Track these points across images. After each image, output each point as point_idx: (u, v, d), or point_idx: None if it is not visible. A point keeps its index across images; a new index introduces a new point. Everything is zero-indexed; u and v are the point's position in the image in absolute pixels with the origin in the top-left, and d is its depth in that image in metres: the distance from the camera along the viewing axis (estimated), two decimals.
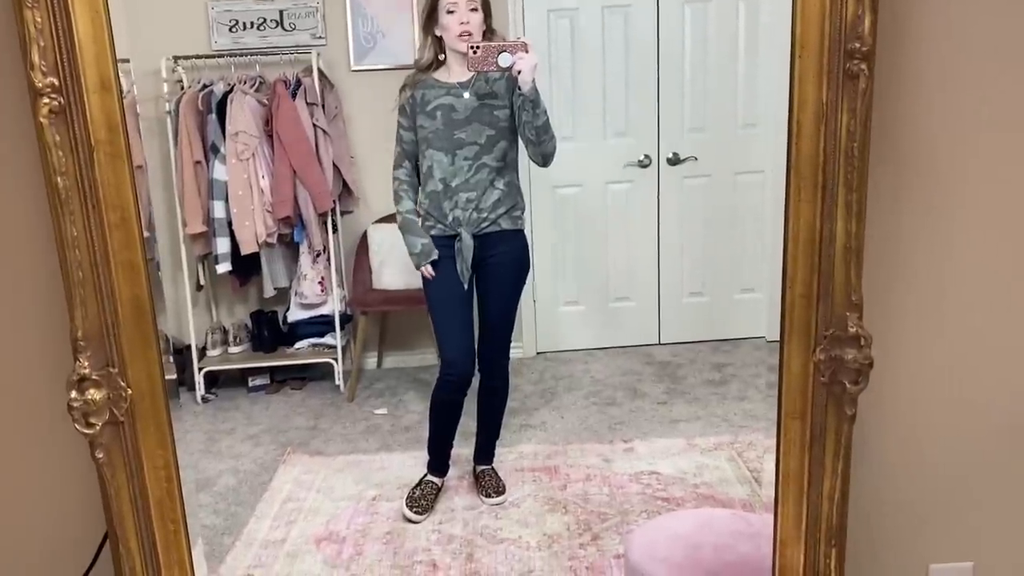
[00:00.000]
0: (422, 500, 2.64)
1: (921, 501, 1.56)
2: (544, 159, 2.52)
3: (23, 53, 1.22)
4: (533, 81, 2.34)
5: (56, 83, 1.23)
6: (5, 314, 1.43)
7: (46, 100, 1.23)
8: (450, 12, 2.42)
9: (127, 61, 1.34)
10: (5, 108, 1.35)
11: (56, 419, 1.36)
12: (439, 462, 2.74)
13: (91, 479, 1.37)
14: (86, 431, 1.32)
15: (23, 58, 1.22)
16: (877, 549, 1.57)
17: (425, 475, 2.74)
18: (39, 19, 1.21)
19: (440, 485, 2.73)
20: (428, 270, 2.55)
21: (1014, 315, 1.49)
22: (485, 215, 2.52)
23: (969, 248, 1.45)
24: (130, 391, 1.34)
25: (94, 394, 1.31)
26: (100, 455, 1.33)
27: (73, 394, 1.30)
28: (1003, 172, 1.43)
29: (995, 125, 1.41)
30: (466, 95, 2.48)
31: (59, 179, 1.25)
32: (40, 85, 1.22)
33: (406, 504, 2.62)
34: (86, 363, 1.31)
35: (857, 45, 1.26)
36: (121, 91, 1.28)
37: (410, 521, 2.57)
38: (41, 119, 1.23)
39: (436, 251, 2.54)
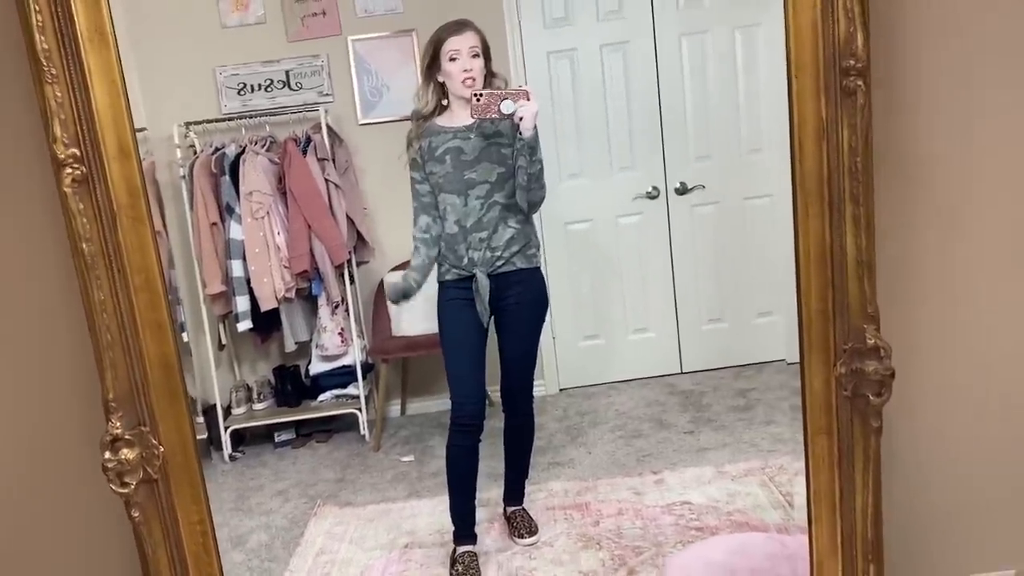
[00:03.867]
0: (470, 570, 2.51)
1: (957, 509, 1.55)
2: (531, 206, 2.56)
3: (45, 126, 1.26)
4: (534, 128, 2.40)
5: (78, 153, 1.28)
6: (38, 380, 1.46)
7: (69, 170, 1.28)
8: (453, 59, 2.47)
9: (144, 129, 1.39)
10: (29, 180, 1.39)
11: (91, 481, 1.38)
12: (466, 527, 2.62)
13: (127, 538, 1.38)
14: (121, 491, 1.34)
15: (45, 131, 1.27)
16: (916, 562, 1.55)
17: (455, 549, 2.59)
18: (59, 94, 1.26)
19: (476, 553, 2.59)
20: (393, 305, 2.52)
21: None
22: (499, 254, 2.54)
23: (979, 252, 1.46)
24: (162, 448, 1.36)
25: (127, 454, 1.34)
26: (136, 514, 1.35)
27: (107, 455, 1.33)
28: (1004, 175, 1.44)
29: (995, 131, 1.43)
30: (472, 136, 2.53)
31: (84, 245, 1.29)
32: (63, 156, 1.27)
33: None
34: (118, 423, 1.33)
35: (852, 62, 1.29)
36: (139, 157, 1.32)
37: None
38: (65, 188, 1.27)
39: (415, 291, 2.57)
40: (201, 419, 3.27)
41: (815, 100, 1.31)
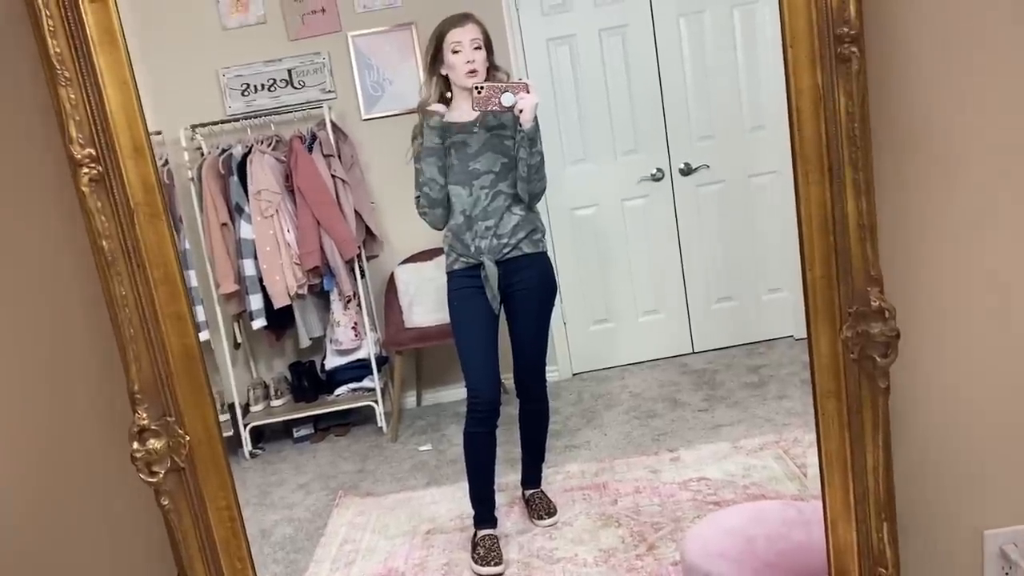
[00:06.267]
0: (492, 552, 2.52)
1: (969, 467, 1.57)
2: (531, 198, 2.59)
3: (61, 128, 1.30)
4: (534, 120, 2.43)
5: (93, 153, 1.31)
6: (66, 375, 1.50)
7: (86, 170, 1.31)
8: (455, 52, 2.50)
9: (159, 133, 1.42)
10: (47, 181, 1.43)
11: (120, 471, 1.42)
12: (486, 511, 2.65)
13: (158, 526, 1.42)
14: (150, 480, 1.37)
15: (61, 133, 1.30)
16: (929, 519, 1.58)
17: (476, 533, 2.62)
18: (73, 95, 1.29)
19: (497, 536, 2.61)
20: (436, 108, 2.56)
21: None
22: (505, 240, 2.57)
23: (978, 210, 1.48)
24: (188, 437, 1.40)
25: (155, 444, 1.37)
26: (166, 502, 1.39)
27: (135, 445, 1.36)
28: (999, 133, 1.46)
29: (988, 89, 1.44)
30: (476, 129, 2.56)
31: (104, 242, 1.33)
32: (79, 156, 1.30)
33: (478, 564, 2.50)
34: (144, 415, 1.37)
35: (846, 29, 1.31)
36: (154, 154, 1.36)
37: None
38: (82, 188, 1.31)
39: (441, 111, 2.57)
40: (227, 416, 3.32)
41: (811, 69, 1.33)
